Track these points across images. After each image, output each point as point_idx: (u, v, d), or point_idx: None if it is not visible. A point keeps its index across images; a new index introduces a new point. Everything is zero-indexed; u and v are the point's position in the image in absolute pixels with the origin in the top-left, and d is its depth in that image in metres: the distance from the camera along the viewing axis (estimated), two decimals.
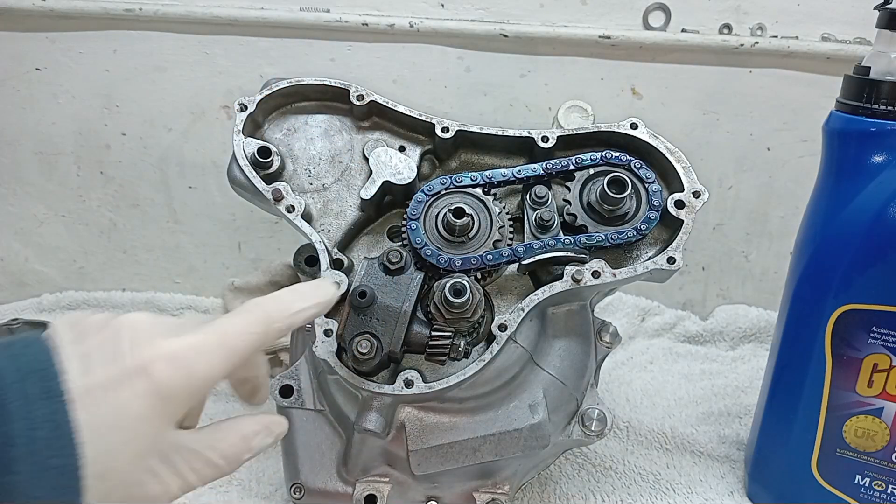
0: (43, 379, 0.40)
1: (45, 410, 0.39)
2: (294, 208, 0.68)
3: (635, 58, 1.13)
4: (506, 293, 0.72)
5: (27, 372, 0.40)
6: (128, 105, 1.18)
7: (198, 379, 0.44)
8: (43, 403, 0.39)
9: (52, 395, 0.40)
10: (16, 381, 0.39)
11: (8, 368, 0.40)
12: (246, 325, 0.47)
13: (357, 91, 0.74)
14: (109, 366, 0.41)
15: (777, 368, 0.80)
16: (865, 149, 0.69)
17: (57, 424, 0.39)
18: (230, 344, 0.45)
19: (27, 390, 0.39)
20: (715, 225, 1.24)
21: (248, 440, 0.49)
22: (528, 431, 0.68)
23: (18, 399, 0.39)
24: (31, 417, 0.39)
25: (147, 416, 0.42)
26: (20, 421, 0.38)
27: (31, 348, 0.41)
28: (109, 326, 0.44)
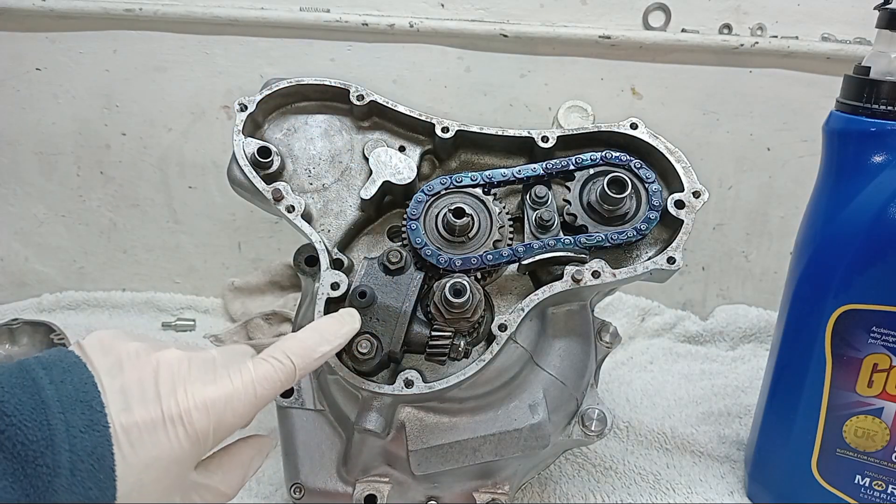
0: (88, 411, 0.42)
1: (88, 443, 0.41)
2: (294, 208, 0.68)
3: (635, 58, 1.13)
4: (506, 293, 0.72)
5: (73, 401, 0.42)
6: (128, 105, 1.18)
7: (227, 425, 0.47)
8: (87, 436, 0.41)
9: (96, 428, 0.41)
10: (61, 410, 0.41)
11: (52, 397, 0.41)
12: (275, 374, 0.50)
13: (357, 91, 0.74)
14: (149, 406, 0.44)
15: (777, 368, 0.80)
16: (865, 149, 0.69)
17: (99, 458, 0.41)
18: (259, 393, 0.49)
19: (72, 421, 0.41)
20: (715, 225, 1.24)
21: (246, 466, 0.54)
22: (528, 431, 0.68)
23: (64, 430, 0.40)
24: (75, 450, 0.40)
25: (179, 459, 0.45)
26: (65, 452, 0.40)
27: (72, 374, 0.43)
28: (147, 363, 0.46)
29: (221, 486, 0.50)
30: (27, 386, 0.41)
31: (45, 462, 0.39)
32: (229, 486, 0.51)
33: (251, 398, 0.48)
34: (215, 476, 0.50)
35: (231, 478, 0.52)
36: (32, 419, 0.40)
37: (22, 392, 0.41)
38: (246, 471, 0.53)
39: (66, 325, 1.07)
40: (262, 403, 0.49)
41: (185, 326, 1.19)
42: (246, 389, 0.48)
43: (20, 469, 0.39)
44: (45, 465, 0.39)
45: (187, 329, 1.19)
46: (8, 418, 0.39)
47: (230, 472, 0.52)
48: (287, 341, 0.53)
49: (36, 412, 0.40)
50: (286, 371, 0.50)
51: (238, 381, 0.48)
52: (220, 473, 0.51)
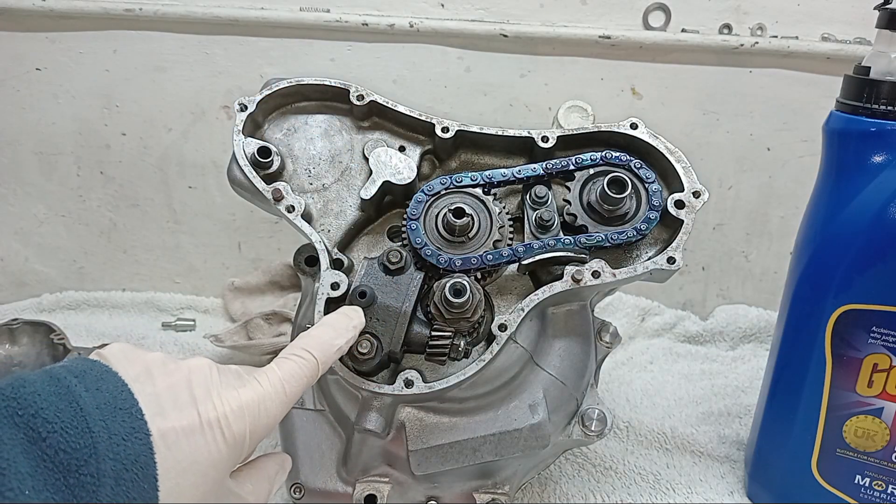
0: (129, 418, 0.41)
1: (131, 451, 0.40)
2: (294, 208, 0.68)
3: (635, 58, 1.13)
4: (506, 293, 0.72)
5: (112, 409, 0.41)
6: (128, 105, 1.18)
7: (262, 427, 0.47)
8: (130, 444, 0.40)
9: (138, 436, 0.41)
10: (101, 418, 0.40)
11: (91, 404, 0.40)
12: (300, 370, 0.51)
13: (357, 91, 0.74)
14: (185, 411, 0.44)
15: (777, 368, 0.80)
16: (865, 149, 0.69)
17: (143, 466, 0.40)
18: (288, 391, 0.49)
19: (114, 428, 0.40)
20: (715, 225, 1.24)
21: (272, 480, 0.54)
22: (528, 431, 0.68)
23: (106, 437, 0.39)
24: (119, 458, 0.39)
25: (217, 463, 0.44)
26: (109, 461, 0.39)
27: (106, 382, 0.42)
28: (177, 370, 0.46)
29: (251, 497, 0.51)
30: (63, 394, 0.40)
31: (90, 471, 0.38)
32: (257, 497, 0.52)
33: (282, 397, 0.48)
34: (246, 486, 0.51)
35: (259, 490, 0.52)
36: (73, 426, 0.39)
37: (59, 400, 0.39)
38: (271, 485, 0.54)
39: (66, 325, 1.07)
40: (291, 402, 0.49)
41: (185, 326, 1.19)
42: (276, 389, 0.48)
43: (62, 479, 0.37)
44: (88, 474, 0.38)
45: (187, 329, 1.19)
46: (49, 425, 0.38)
47: (258, 483, 0.52)
48: (304, 339, 0.53)
49: (76, 419, 0.39)
50: (310, 366, 0.51)
51: (267, 383, 0.48)
52: (250, 485, 0.51)
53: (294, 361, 0.51)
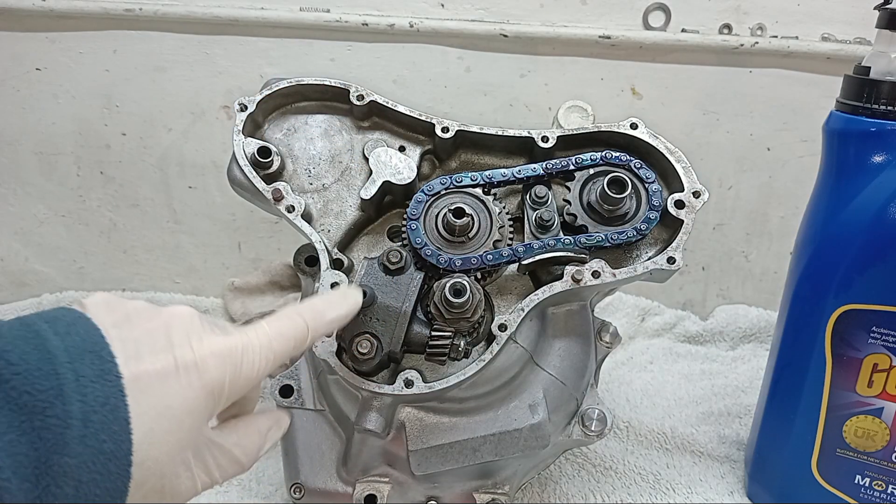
0: (98, 361, 0.39)
1: (100, 393, 0.38)
2: (294, 208, 0.68)
3: (635, 58, 1.13)
4: (506, 293, 0.72)
5: (80, 352, 0.39)
6: (128, 105, 1.18)
7: (244, 377, 0.45)
8: (98, 386, 0.38)
9: (107, 378, 0.39)
10: (69, 360, 0.38)
11: (59, 347, 0.39)
12: (288, 330, 0.49)
13: (357, 91, 0.74)
14: (160, 355, 0.42)
15: (777, 368, 0.80)
16: (865, 149, 0.69)
17: (112, 408, 0.39)
18: (274, 347, 0.47)
19: (81, 370, 0.38)
20: (715, 225, 1.24)
21: (263, 435, 0.51)
22: (528, 431, 0.68)
23: (73, 380, 0.38)
24: (86, 400, 0.38)
25: (193, 410, 0.42)
26: (76, 402, 0.37)
27: (77, 326, 0.41)
28: (158, 316, 0.44)
29: (236, 450, 0.48)
30: (30, 338, 0.39)
31: (55, 413, 0.37)
32: (245, 452, 0.49)
33: (267, 352, 0.46)
34: (230, 438, 0.48)
35: (247, 444, 0.50)
36: (39, 369, 0.37)
37: (25, 343, 0.38)
38: (263, 441, 0.51)
39: None
40: (276, 360, 0.47)
41: None
42: (261, 342, 0.46)
43: (27, 422, 0.36)
44: (54, 416, 0.37)
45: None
46: (13, 367, 0.37)
47: (246, 437, 0.50)
48: (297, 304, 0.52)
49: (42, 362, 0.37)
50: (299, 328, 0.49)
51: (253, 335, 0.47)
52: (236, 437, 0.49)
53: (284, 321, 0.49)
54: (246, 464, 0.49)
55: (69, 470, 0.37)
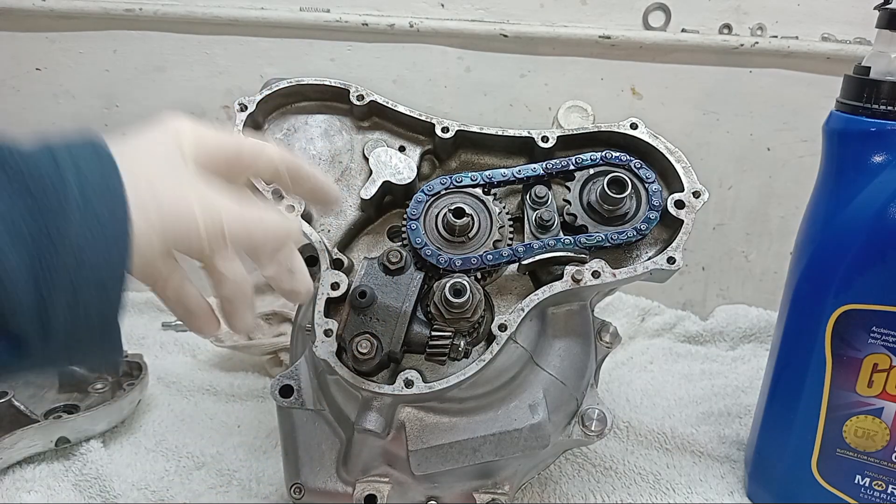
0: (91, 144, 0.41)
1: (95, 166, 0.40)
2: (294, 208, 0.68)
3: (635, 58, 1.13)
4: (506, 293, 0.72)
5: (74, 138, 0.41)
6: (128, 105, 1.18)
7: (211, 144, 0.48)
8: (93, 161, 0.40)
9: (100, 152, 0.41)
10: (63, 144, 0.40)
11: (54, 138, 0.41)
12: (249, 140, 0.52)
13: (357, 91, 0.74)
14: (139, 131, 0.46)
15: (777, 368, 0.80)
16: (865, 149, 0.69)
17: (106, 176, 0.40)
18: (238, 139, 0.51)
19: (75, 151, 0.40)
20: (715, 225, 1.24)
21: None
22: (528, 431, 0.68)
23: (67, 156, 0.39)
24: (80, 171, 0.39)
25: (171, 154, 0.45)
26: (71, 173, 0.38)
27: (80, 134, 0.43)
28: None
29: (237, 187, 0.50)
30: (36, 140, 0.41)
31: (52, 183, 0.37)
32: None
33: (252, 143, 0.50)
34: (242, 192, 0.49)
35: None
36: (34, 150, 0.39)
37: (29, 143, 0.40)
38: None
39: None
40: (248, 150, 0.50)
41: (185, 327, 1.19)
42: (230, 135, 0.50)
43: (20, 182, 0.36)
44: (50, 184, 0.37)
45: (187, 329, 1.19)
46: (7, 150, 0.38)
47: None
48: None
49: (38, 146, 0.39)
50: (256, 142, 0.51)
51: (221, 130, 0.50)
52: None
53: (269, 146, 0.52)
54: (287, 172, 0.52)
55: (66, 234, 0.36)
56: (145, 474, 0.83)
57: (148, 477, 0.82)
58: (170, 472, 0.84)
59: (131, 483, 0.81)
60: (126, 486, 0.80)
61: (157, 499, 0.80)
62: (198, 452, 0.87)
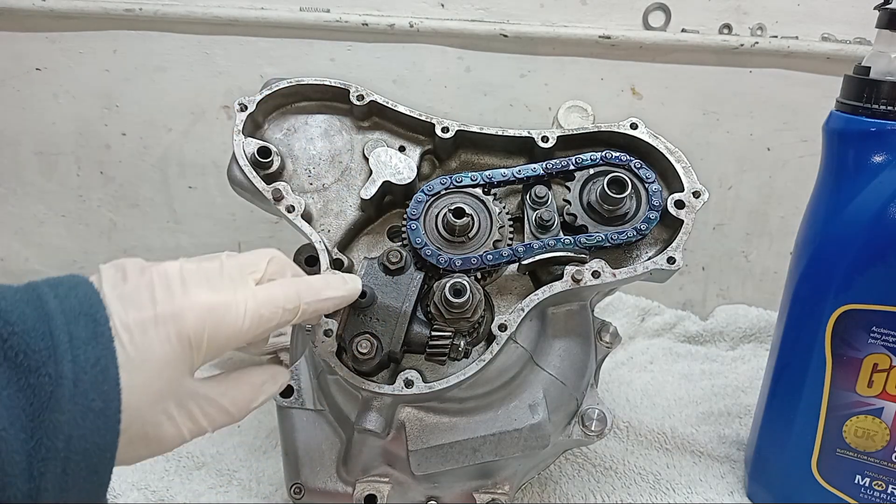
0: (92, 323, 0.41)
1: (91, 354, 0.40)
2: (294, 208, 0.68)
3: (635, 58, 1.13)
4: (506, 293, 0.72)
5: (76, 314, 0.41)
6: (128, 105, 1.18)
7: (224, 336, 0.46)
8: (90, 347, 0.40)
9: (100, 340, 0.41)
10: (65, 322, 0.40)
11: (56, 309, 0.41)
12: (278, 300, 0.49)
13: (357, 91, 0.74)
14: (143, 309, 0.43)
15: (777, 368, 0.80)
16: (865, 149, 0.69)
17: (103, 369, 0.40)
18: (260, 312, 0.48)
19: (76, 332, 0.40)
20: (715, 225, 1.24)
21: (257, 388, 0.52)
22: (528, 431, 0.68)
23: (66, 340, 0.40)
24: (77, 360, 0.40)
25: (171, 361, 0.44)
26: (67, 363, 0.39)
27: (77, 290, 0.43)
28: (149, 272, 0.46)
29: (224, 400, 0.48)
30: (30, 300, 0.41)
31: (48, 372, 0.39)
32: (235, 404, 0.49)
33: (253, 314, 0.47)
34: (218, 389, 0.48)
35: (237, 395, 0.50)
36: (35, 329, 0.39)
37: (26, 305, 0.40)
38: (256, 393, 0.51)
39: None
40: (263, 325, 0.48)
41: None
42: (248, 304, 0.47)
43: (23, 379, 0.38)
44: (47, 374, 0.39)
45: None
46: (11, 326, 0.39)
47: (237, 388, 0.50)
48: (295, 279, 0.52)
49: (39, 323, 0.40)
50: (290, 299, 0.49)
51: (241, 295, 0.47)
52: (225, 388, 0.49)
53: (276, 289, 0.49)
54: (236, 414, 0.50)
55: (59, 426, 0.39)
56: (145, 474, 0.83)
57: (148, 477, 0.82)
58: (170, 472, 0.84)
59: (131, 483, 0.81)
60: (126, 486, 0.80)
61: (157, 499, 0.80)
62: (198, 452, 0.87)
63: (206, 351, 0.45)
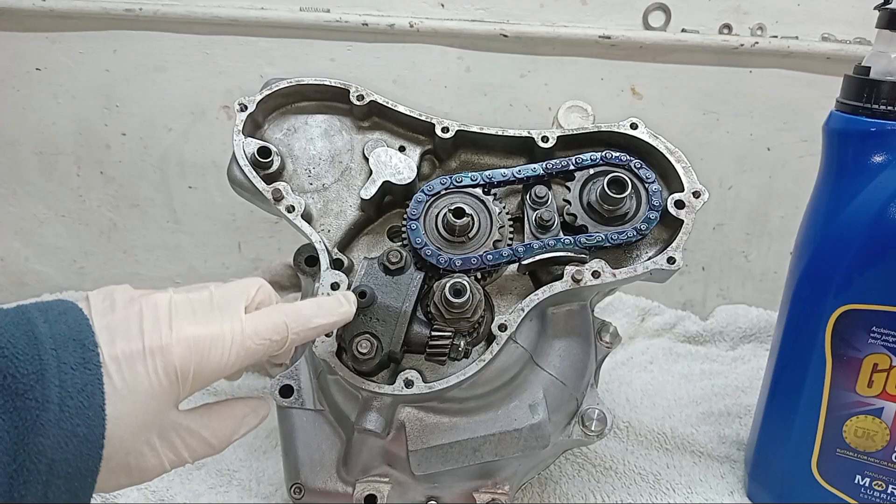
0: (80, 349, 0.42)
1: (78, 380, 0.41)
2: (294, 208, 0.68)
3: (635, 58, 1.13)
4: (506, 293, 0.72)
5: (65, 339, 0.42)
6: (128, 105, 1.18)
7: (209, 369, 0.46)
8: (77, 373, 0.41)
9: (87, 367, 0.41)
10: (53, 347, 0.41)
11: (45, 334, 0.41)
12: (265, 331, 0.49)
13: (357, 91, 0.74)
14: (131, 341, 0.44)
15: (777, 368, 0.80)
16: (865, 149, 0.69)
17: (89, 395, 0.41)
18: (246, 345, 0.48)
19: (64, 357, 0.41)
20: (715, 225, 1.24)
21: (238, 421, 0.52)
22: (528, 431, 0.68)
23: (55, 365, 0.40)
24: (64, 385, 0.40)
25: (157, 394, 0.44)
26: (54, 388, 0.40)
27: (67, 315, 0.43)
28: (138, 303, 0.46)
29: (206, 432, 0.49)
30: (20, 324, 0.41)
31: (34, 396, 0.39)
32: (216, 435, 0.50)
33: (239, 347, 0.47)
34: (200, 421, 0.49)
35: (219, 428, 0.51)
36: (24, 353, 0.40)
37: (16, 329, 0.41)
38: (237, 425, 0.52)
39: None
40: (249, 356, 0.48)
41: None
42: (234, 335, 0.47)
43: (10, 402, 0.39)
44: (33, 398, 0.39)
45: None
46: (1, 350, 0.40)
47: (218, 421, 0.51)
48: (284, 305, 0.52)
49: (28, 347, 0.40)
50: (278, 329, 0.50)
51: (227, 327, 0.47)
52: (207, 420, 0.50)
53: (264, 320, 0.49)
54: (217, 446, 0.50)
55: (43, 449, 0.39)
56: None
57: None
58: (170, 472, 0.84)
59: None
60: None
61: (157, 499, 0.80)
62: None
63: (192, 384, 0.46)
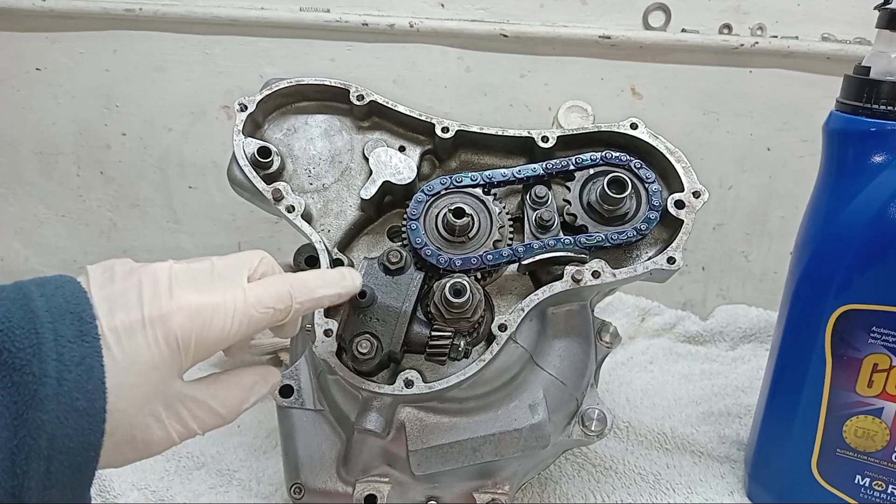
0: (78, 321, 0.41)
1: (76, 353, 0.40)
2: (294, 208, 0.68)
3: (635, 58, 1.13)
4: (506, 293, 0.72)
5: (62, 312, 0.41)
6: (128, 105, 1.18)
7: (211, 337, 0.45)
8: (75, 346, 0.40)
9: (85, 339, 0.41)
10: (50, 320, 0.40)
11: (42, 307, 0.41)
12: (269, 299, 0.48)
13: (357, 91, 0.74)
14: (131, 312, 0.43)
15: (777, 368, 0.80)
16: (865, 149, 0.69)
17: (87, 367, 0.40)
18: (249, 313, 0.47)
19: (61, 331, 0.40)
20: (715, 225, 1.24)
21: (247, 389, 0.51)
22: (528, 431, 0.68)
23: (52, 339, 0.40)
24: (62, 359, 0.40)
25: (158, 363, 0.43)
26: (52, 361, 0.39)
27: (64, 289, 0.42)
28: (137, 273, 0.45)
29: (214, 402, 0.48)
30: (17, 298, 0.41)
31: (32, 370, 0.39)
32: (225, 405, 0.49)
33: (241, 315, 0.46)
34: (208, 391, 0.48)
35: (228, 397, 0.49)
36: (20, 327, 0.39)
37: (12, 304, 0.40)
38: (247, 394, 0.51)
39: None
40: (252, 325, 0.47)
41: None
42: (237, 305, 0.46)
43: (7, 377, 0.39)
44: (31, 373, 0.39)
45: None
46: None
47: (227, 390, 0.49)
48: (288, 275, 0.51)
49: (25, 321, 0.40)
50: (282, 298, 0.49)
51: (230, 295, 0.46)
52: (215, 390, 0.48)
53: (267, 288, 0.49)
54: (226, 416, 0.49)
55: (42, 424, 0.39)
56: (145, 474, 0.83)
57: (148, 477, 0.82)
58: (170, 472, 0.84)
59: (131, 483, 0.81)
60: (126, 486, 0.80)
61: (157, 499, 0.80)
62: (198, 452, 0.87)
63: (195, 353, 0.45)
